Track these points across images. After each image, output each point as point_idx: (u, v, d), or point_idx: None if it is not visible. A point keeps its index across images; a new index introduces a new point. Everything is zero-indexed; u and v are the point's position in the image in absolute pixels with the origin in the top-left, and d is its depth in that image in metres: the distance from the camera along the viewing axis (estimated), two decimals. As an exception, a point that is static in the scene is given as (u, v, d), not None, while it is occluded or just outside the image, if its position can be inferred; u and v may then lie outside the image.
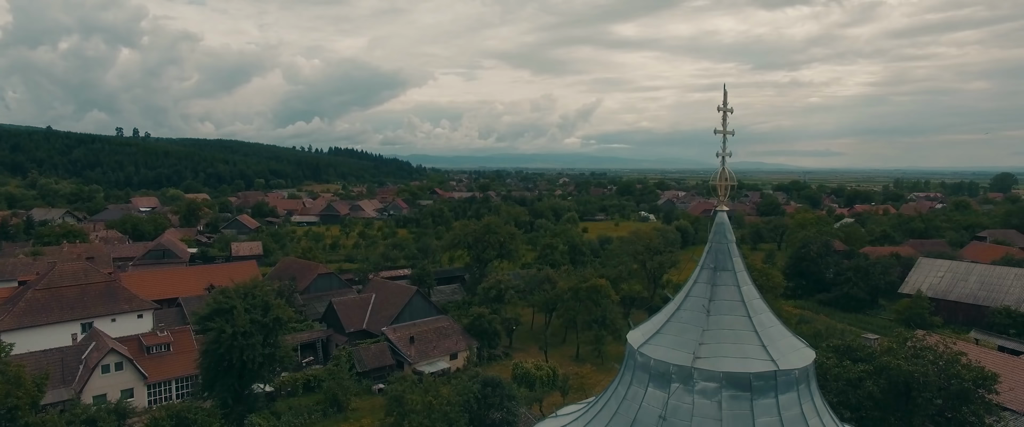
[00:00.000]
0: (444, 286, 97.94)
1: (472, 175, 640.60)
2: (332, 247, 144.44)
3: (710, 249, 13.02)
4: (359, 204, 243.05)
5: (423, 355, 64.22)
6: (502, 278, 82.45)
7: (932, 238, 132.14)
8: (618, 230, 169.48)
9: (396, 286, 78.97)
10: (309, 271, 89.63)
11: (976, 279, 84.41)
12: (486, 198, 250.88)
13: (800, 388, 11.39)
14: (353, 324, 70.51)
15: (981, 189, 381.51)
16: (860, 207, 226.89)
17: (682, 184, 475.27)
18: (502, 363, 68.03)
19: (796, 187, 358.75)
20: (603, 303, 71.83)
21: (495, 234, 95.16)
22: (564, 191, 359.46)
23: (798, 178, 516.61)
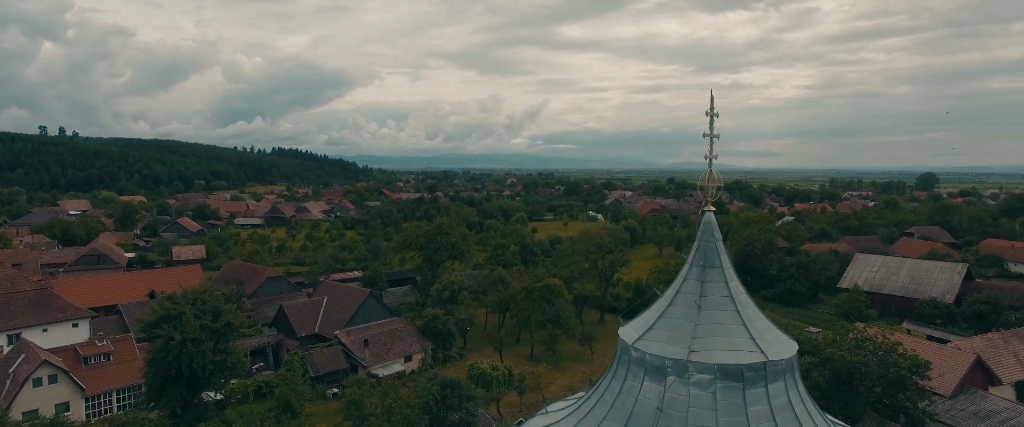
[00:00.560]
0: (396, 288, 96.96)
1: (419, 176, 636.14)
2: (279, 250, 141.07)
3: (699, 247, 13.47)
4: (305, 205, 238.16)
5: (378, 358, 63.46)
6: (455, 279, 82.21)
7: (866, 235, 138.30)
8: (567, 230, 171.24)
9: (348, 288, 77.75)
10: (257, 275, 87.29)
11: (907, 273, 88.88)
12: (434, 199, 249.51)
13: (787, 377, 12.00)
14: (305, 328, 69.07)
15: (908, 188, 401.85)
16: (799, 206, 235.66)
17: (629, 184, 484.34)
18: (457, 364, 67.83)
19: (738, 187, 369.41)
20: (557, 302, 72.47)
21: (447, 235, 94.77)
22: (512, 191, 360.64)
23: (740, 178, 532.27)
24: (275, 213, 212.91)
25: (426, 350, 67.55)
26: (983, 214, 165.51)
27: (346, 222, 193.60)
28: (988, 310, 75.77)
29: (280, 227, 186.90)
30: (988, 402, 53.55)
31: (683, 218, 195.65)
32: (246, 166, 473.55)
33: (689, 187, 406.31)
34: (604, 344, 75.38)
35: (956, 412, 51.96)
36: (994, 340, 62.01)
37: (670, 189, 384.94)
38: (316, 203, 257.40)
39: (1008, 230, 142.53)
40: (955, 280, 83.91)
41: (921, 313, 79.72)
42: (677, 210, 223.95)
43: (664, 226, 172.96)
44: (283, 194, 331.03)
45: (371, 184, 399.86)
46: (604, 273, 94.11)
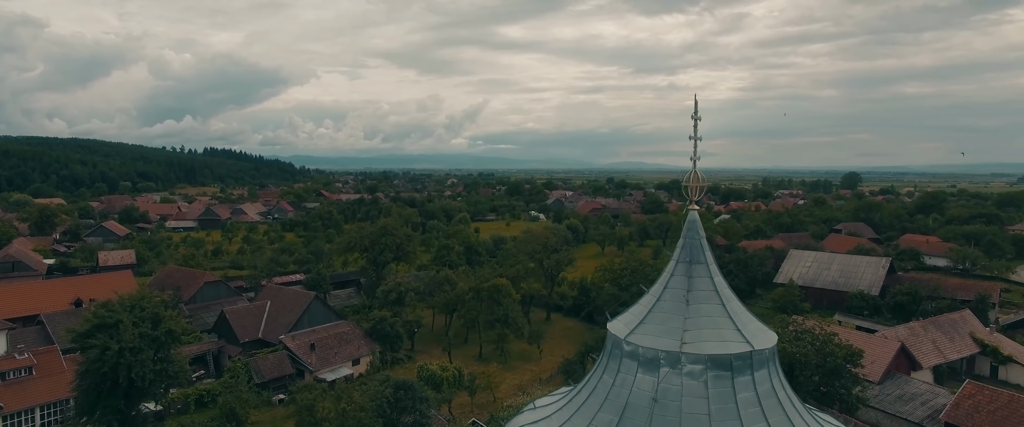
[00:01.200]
0: (339, 290, 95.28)
1: (359, 176, 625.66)
2: (214, 253, 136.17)
3: (684, 244, 13.97)
4: (241, 207, 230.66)
5: (325, 362, 62.20)
6: (401, 280, 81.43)
7: (798, 232, 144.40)
8: (509, 230, 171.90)
9: (292, 292, 75.87)
10: (194, 280, 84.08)
11: (837, 268, 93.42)
12: (375, 200, 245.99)
13: (769, 365, 12.77)
14: (248, 333, 66.99)
15: (834, 187, 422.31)
16: (735, 204, 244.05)
17: (569, 184, 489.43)
18: (405, 366, 67.24)
19: (676, 186, 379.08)
20: (504, 302, 72.77)
21: (392, 236, 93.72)
22: (453, 192, 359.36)
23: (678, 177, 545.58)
24: (209, 215, 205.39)
25: (374, 353, 66.65)
26: (901, 211, 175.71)
27: (285, 224, 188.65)
28: (909, 301, 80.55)
29: (215, 230, 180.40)
30: (911, 386, 57.03)
31: (624, 217, 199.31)
32: (176, 167, 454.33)
33: (628, 186, 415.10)
34: (552, 343, 76.19)
35: (884, 396, 55.09)
36: (915, 328, 66.00)
37: (610, 189, 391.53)
38: (252, 205, 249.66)
39: (923, 225, 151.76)
40: (880, 273, 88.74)
41: (850, 305, 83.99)
42: (618, 209, 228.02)
43: (606, 225, 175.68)
44: (217, 196, 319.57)
45: (309, 185, 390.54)
46: (550, 272, 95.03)
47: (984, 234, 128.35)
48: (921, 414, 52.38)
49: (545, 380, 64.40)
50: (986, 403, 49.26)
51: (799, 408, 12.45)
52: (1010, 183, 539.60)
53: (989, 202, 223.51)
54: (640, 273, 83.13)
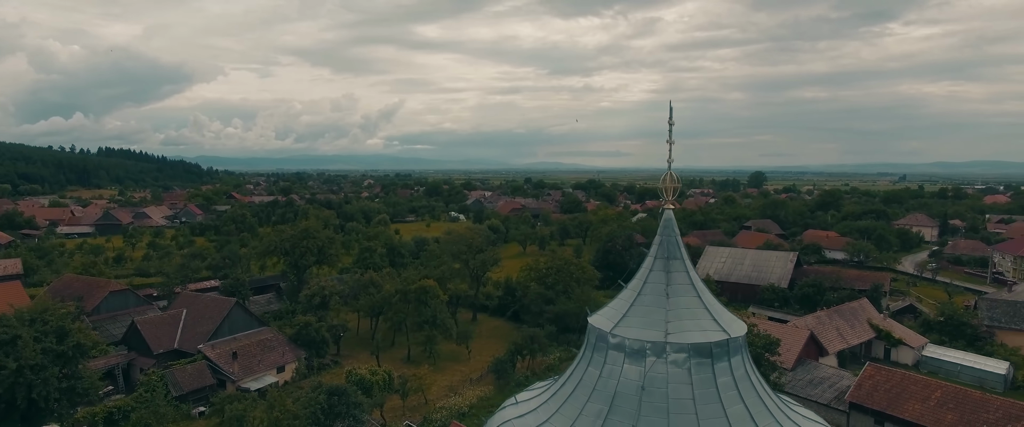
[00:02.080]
0: (258, 296, 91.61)
1: (271, 177, 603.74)
2: (116, 261, 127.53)
3: (661, 242, 14.52)
4: (144, 211, 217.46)
5: (248, 371, 59.72)
6: (325, 284, 79.33)
7: (711, 229, 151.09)
8: (430, 231, 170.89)
9: (211, 299, 72.29)
10: (96, 289, 78.52)
11: (750, 262, 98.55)
12: (290, 202, 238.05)
13: (742, 352, 13.71)
14: (162, 344, 63.30)
15: (741, 185, 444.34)
16: (651, 203, 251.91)
17: (487, 184, 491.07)
18: (332, 371, 65.57)
19: (593, 185, 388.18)
20: (432, 303, 72.29)
21: (313, 239, 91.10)
22: (371, 193, 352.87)
23: (594, 177, 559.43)
24: (108, 220, 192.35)
25: (300, 359, 64.60)
26: (803, 208, 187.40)
27: (194, 228, 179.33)
28: (814, 292, 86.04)
29: (115, 235, 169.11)
30: (820, 370, 61.10)
31: (544, 217, 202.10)
32: (66, 168, 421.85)
33: (546, 186, 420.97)
34: (480, 342, 76.34)
35: (796, 381, 58.70)
36: (821, 317, 70.64)
37: (528, 189, 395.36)
38: (157, 208, 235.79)
39: (823, 222, 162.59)
40: (788, 267, 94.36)
41: (763, 298, 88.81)
42: (538, 209, 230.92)
43: (527, 225, 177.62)
44: (115, 199, 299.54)
45: (218, 187, 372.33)
46: (475, 273, 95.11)
47: (875, 229, 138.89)
48: (829, 396, 56.15)
49: (476, 380, 64.47)
50: (883, 382, 53.52)
51: (767, 389, 13.33)
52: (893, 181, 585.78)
53: (877, 199, 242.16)
54: (565, 272, 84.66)
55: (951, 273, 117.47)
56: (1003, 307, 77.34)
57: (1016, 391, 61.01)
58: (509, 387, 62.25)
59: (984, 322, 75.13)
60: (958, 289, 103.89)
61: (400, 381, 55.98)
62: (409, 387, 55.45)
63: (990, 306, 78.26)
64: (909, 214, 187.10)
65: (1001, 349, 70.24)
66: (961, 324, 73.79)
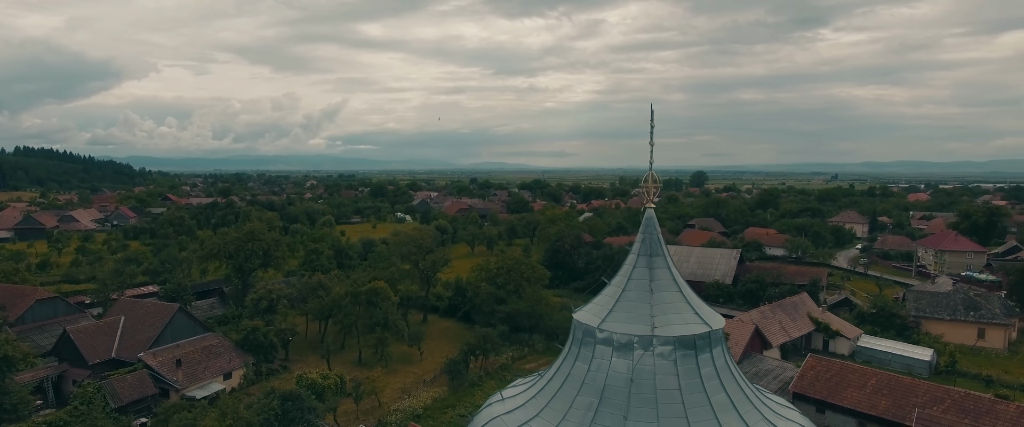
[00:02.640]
0: (200, 301, 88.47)
1: (208, 178, 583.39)
2: (41, 267, 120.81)
3: (644, 240, 14.92)
4: (71, 214, 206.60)
5: (193, 378, 57.62)
6: (272, 287, 77.32)
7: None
8: (376, 232, 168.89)
9: (151, 305, 69.37)
10: (21, 297, 74.19)
11: (695, 260, 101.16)
12: (230, 203, 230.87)
13: (722, 343, 14.27)
14: (98, 354, 60.39)
15: (684, 184, 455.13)
16: (596, 202, 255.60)
17: (433, 185, 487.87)
18: (282, 376, 64.01)
19: (539, 185, 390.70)
20: (383, 305, 71.44)
21: (259, 241, 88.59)
22: (314, 194, 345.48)
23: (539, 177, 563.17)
24: (30, 224, 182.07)
25: (247, 365, 62.77)
26: (744, 207, 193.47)
27: (128, 232, 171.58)
28: (757, 287, 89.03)
29: (39, 240, 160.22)
30: (764, 363, 63.34)
31: (492, 217, 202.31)
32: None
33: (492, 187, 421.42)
34: (431, 343, 75.88)
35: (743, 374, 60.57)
36: (765, 312, 73.16)
37: (474, 189, 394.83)
38: (86, 211, 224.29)
39: (762, 219, 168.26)
40: (732, 264, 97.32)
41: (708, 294, 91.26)
42: (485, 209, 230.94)
43: (474, 225, 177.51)
44: (37, 201, 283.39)
45: (153, 188, 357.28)
46: (425, 273, 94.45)
47: (811, 226, 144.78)
48: (774, 387, 58.20)
49: (429, 381, 64.04)
50: (824, 372, 55.96)
51: (744, 379, 13.85)
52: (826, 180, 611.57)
53: (812, 198, 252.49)
54: (516, 272, 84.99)
55: (881, 267, 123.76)
56: (927, 298, 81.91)
57: (939, 376, 64.84)
58: (463, 387, 62.22)
59: (911, 313, 79.43)
60: (887, 282, 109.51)
61: (353, 384, 55.12)
62: (362, 390, 54.65)
63: (916, 298, 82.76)
64: (842, 212, 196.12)
65: (926, 338, 74.63)
66: (891, 315, 77.85)
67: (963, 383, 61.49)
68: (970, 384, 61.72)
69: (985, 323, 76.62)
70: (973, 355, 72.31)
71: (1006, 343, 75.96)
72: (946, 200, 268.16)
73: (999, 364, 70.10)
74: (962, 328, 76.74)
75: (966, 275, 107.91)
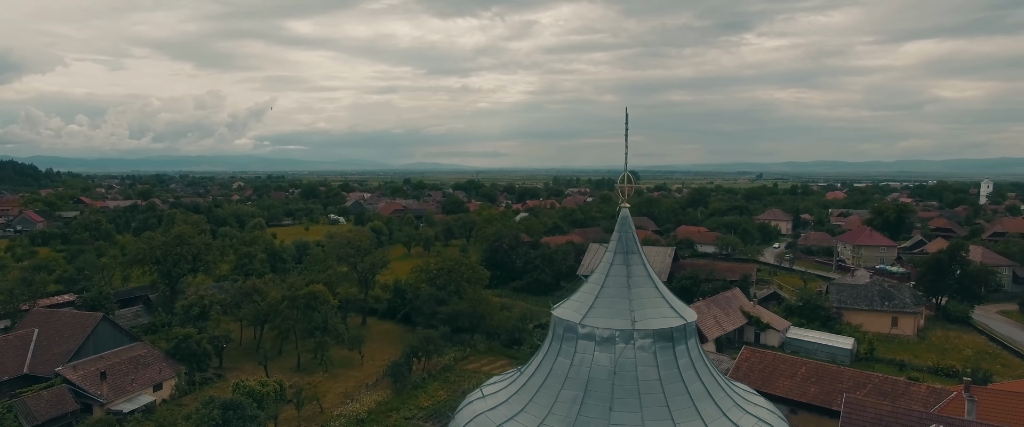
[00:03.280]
0: (123, 309, 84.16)
1: (126, 180, 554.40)
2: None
3: (620, 238, 15.49)
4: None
5: (119, 391, 54.68)
6: (204, 293, 74.34)
7: (591, 226, 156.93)
8: (310, 234, 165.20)
9: (69, 315, 65.33)
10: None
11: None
12: (152, 206, 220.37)
13: (695, 335, 14.92)
14: (7, 370, 56.43)
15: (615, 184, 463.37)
16: (531, 202, 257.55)
17: (365, 185, 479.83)
18: (217, 385, 61.66)
19: (473, 186, 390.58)
20: (323, 309, 69.86)
21: (188, 246, 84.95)
22: (242, 196, 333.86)
23: (473, 177, 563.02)
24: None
25: (179, 374, 60.08)
26: (675, 205, 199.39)
27: (36, 237, 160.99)
28: (691, 284, 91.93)
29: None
30: (701, 358, 65.50)
31: (427, 218, 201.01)
32: None
33: (426, 187, 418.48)
34: (371, 346, 74.72)
35: (681, 369, 62.54)
36: (700, 307, 75.57)
37: (408, 190, 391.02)
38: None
39: (693, 218, 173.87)
40: (667, 261, 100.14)
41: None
42: (420, 210, 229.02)
43: (410, 226, 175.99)
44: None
45: (63, 191, 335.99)
46: (364, 275, 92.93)
47: (739, 224, 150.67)
48: (711, 380, 60.30)
49: (372, 385, 63.06)
50: (758, 363, 58.40)
51: (715, 367, 14.44)
52: (751, 180, 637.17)
53: (739, 196, 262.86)
54: (456, 272, 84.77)
55: (804, 262, 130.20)
56: (848, 291, 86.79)
57: (859, 362, 68.96)
58: (407, 390, 61.58)
59: (834, 305, 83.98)
60: (811, 276, 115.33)
61: (294, 390, 53.69)
62: (304, 396, 53.30)
63: (838, 290, 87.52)
64: (767, 210, 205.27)
65: (847, 327, 79.25)
66: (816, 307, 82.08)
67: (881, 368, 65.53)
68: (886, 369, 65.86)
69: (898, 312, 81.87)
70: (888, 342, 77.10)
71: (915, 330, 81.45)
72: (861, 198, 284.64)
73: (910, 349, 75.16)
74: (878, 317, 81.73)
75: (880, 268, 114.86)
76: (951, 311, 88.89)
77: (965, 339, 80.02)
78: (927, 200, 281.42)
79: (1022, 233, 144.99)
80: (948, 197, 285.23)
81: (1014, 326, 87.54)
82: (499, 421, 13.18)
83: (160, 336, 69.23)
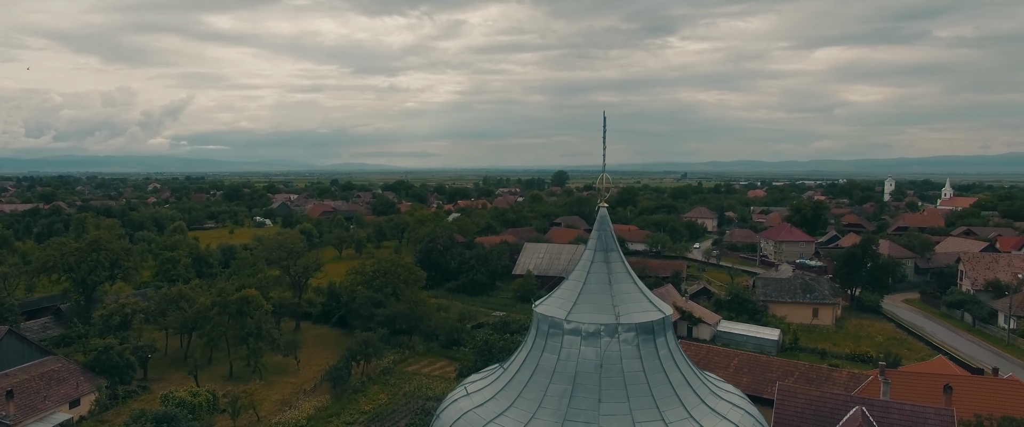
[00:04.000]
0: (30, 321, 78.50)
1: (23, 182, 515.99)
2: None
3: (599, 236, 16.34)
4: None
5: (29, 410, 51.02)
6: (125, 301, 70.42)
7: (523, 226, 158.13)
8: (235, 238, 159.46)
9: (-29, 328, 60.35)
10: None
11: (566, 257, 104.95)
12: (56, 209, 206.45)
13: (671, 328, 15.52)
14: (-97, 389, 51.61)
15: (546, 184, 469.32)
16: (462, 202, 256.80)
17: (291, 186, 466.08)
18: (142, 398, 58.67)
19: (403, 186, 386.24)
20: (256, 314, 67.53)
21: (105, 251, 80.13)
22: (159, 198, 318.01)
23: (402, 177, 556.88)
24: None
25: (100, 389, 56.65)
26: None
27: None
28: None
29: None
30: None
31: (358, 219, 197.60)
32: None
33: (355, 188, 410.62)
34: (307, 351, 72.83)
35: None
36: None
37: (336, 191, 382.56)
38: None
39: (623, 217, 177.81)
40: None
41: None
42: (350, 211, 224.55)
43: (340, 228, 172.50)
44: None
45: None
46: (297, 279, 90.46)
47: (667, 222, 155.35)
48: (648, 373, 61.97)
49: (310, 390, 61.48)
50: (693, 356, 60.42)
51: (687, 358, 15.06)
52: (677, 179, 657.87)
53: (666, 195, 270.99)
54: (393, 274, 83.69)
55: (730, 258, 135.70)
56: (773, 284, 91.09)
57: (785, 352, 72.65)
58: (347, 394, 60.33)
59: (760, 298, 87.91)
60: (737, 272, 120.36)
61: (229, 400, 51.67)
62: (240, 405, 51.42)
63: (763, 284, 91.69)
64: (694, 208, 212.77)
65: (773, 319, 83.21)
66: (744, 301, 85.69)
67: (804, 357, 69.25)
68: (810, 357, 69.67)
69: (818, 303, 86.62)
70: (810, 332, 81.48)
71: (834, 320, 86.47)
72: (779, 196, 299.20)
73: (829, 338, 79.74)
74: (801, 309, 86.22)
75: (800, 262, 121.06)
76: (864, 301, 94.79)
77: (876, 327, 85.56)
78: (839, 197, 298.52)
79: (921, 227, 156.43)
80: (857, 195, 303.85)
81: (917, 314, 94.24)
82: (489, 417, 13.32)
83: (75, 348, 65.18)
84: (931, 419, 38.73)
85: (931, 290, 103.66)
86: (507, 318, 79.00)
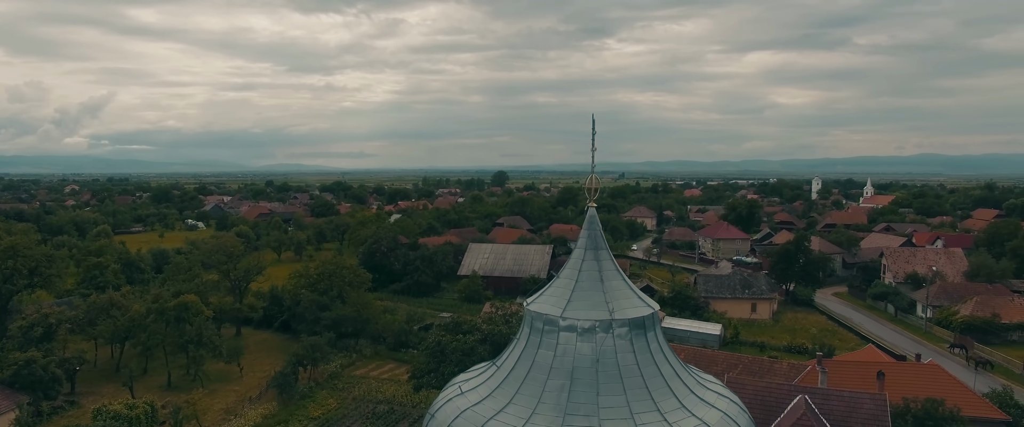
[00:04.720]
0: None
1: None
2: None
3: (588, 235, 16.58)
4: None
5: (-51, 427, 47.51)
6: (49, 311, 66.36)
7: (466, 227, 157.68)
8: (166, 242, 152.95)
9: None
10: None
11: (511, 257, 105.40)
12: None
13: (659, 323, 15.97)
14: None
15: (486, 184, 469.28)
16: (403, 203, 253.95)
17: (224, 188, 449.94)
18: (71, 413, 55.53)
19: (341, 187, 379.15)
20: (195, 321, 64.98)
21: (24, 258, 75.33)
22: (78, 201, 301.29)
23: (340, 178, 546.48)
24: None
25: (21, 406, 53.09)
26: (546, 204, 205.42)
27: None
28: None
29: None
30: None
31: (296, 221, 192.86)
32: None
33: (291, 189, 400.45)
34: (249, 358, 70.66)
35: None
36: (583, 301, 78.53)
37: (272, 192, 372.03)
38: None
39: (565, 216, 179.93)
40: (546, 259, 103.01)
41: (526, 288, 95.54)
42: (288, 213, 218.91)
43: (278, 230, 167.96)
44: None
45: None
46: (237, 283, 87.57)
47: (608, 221, 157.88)
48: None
49: (255, 398, 59.57)
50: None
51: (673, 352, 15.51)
52: (615, 178, 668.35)
53: (605, 194, 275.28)
54: (338, 276, 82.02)
55: (671, 256, 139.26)
56: (713, 281, 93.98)
57: (727, 345, 75.17)
58: (294, 400, 58.78)
59: (701, 294, 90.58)
60: (678, 269, 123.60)
61: (172, 410, 49.50)
62: (181, 415, 49.34)
63: (705, 281, 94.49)
64: (633, 207, 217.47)
65: (714, 315, 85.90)
66: (686, 298, 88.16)
67: (745, 350, 71.76)
68: (750, 350, 72.26)
69: (756, 298, 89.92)
70: (749, 326, 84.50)
71: (771, 314, 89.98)
72: (714, 195, 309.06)
73: (768, 331, 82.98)
74: (740, 304, 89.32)
75: (737, 259, 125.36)
76: (798, 295, 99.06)
77: (810, 319, 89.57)
78: (770, 196, 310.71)
79: (847, 224, 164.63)
80: (787, 193, 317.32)
81: (846, 306, 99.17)
82: (488, 415, 13.40)
83: (-5, 362, 60.83)
84: (866, 404, 40.91)
85: (858, 283, 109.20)
86: (457, 319, 78.54)
